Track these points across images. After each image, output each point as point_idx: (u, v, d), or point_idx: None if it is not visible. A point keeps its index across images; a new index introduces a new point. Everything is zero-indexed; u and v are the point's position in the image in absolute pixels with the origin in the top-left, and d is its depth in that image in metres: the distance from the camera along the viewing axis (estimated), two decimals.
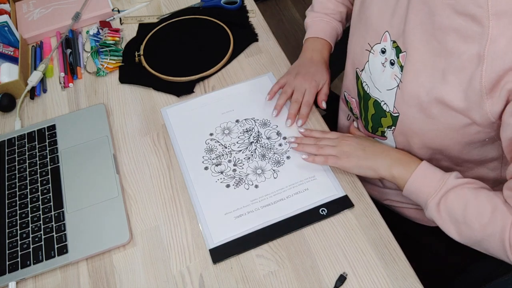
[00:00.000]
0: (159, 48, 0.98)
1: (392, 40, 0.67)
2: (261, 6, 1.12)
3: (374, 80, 0.73)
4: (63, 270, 0.71)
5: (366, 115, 0.79)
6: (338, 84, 1.00)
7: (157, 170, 0.80)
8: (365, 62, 0.74)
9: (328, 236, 0.70)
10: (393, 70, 0.68)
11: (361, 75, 0.77)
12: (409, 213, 0.88)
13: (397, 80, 0.67)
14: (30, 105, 0.93)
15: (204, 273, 0.68)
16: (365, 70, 0.75)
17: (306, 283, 0.66)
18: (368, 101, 0.76)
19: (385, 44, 0.69)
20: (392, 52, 0.67)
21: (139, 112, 0.89)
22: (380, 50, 0.70)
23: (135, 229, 0.74)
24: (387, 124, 0.73)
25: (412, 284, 0.65)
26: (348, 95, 0.85)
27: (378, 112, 0.74)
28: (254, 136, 0.82)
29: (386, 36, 0.68)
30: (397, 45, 0.66)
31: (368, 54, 0.73)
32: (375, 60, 0.72)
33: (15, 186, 0.79)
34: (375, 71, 0.72)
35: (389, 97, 0.70)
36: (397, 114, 0.69)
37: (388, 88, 0.69)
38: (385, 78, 0.70)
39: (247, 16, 1.03)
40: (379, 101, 0.73)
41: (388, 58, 0.68)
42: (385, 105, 0.72)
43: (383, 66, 0.70)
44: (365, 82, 0.76)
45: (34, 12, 1.07)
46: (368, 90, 0.75)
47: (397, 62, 0.66)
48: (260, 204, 0.74)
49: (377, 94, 0.73)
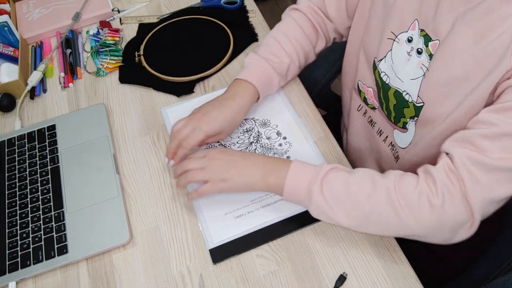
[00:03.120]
0: (159, 48, 0.97)
1: (420, 29, 0.65)
2: (261, 6, 1.12)
3: (397, 70, 0.70)
4: (63, 270, 0.71)
5: (388, 105, 0.76)
6: (338, 84, 1.00)
7: (157, 170, 0.80)
8: (387, 51, 0.71)
9: (328, 236, 0.70)
10: (420, 59, 0.66)
11: (379, 65, 0.74)
12: None
13: (423, 69, 0.65)
14: (30, 105, 0.93)
15: (204, 273, 0.68)
16: (385, 59, 0.72)
17: (306, 283, 0.66)
18: (388, 92, 0.74)
19: (413, 33, 0.67)
20: (420, 41, 0.65)
21: (139, 112, 0.89)
22: (406, 39, 0.68)
23: (135, 229, 0.74)
24: (410, 114, 0.71)
25: (412, 284, 0.65)
26: (363, 84, 0.80)
27: (400, 102, 0.72)
28: (254, 136, 0.82)
29: (415, 24, 0.66)
30: (426, 33, 0.64)
31: (391, 43, 0.70)
32: (400, 49, 0.69)
33: (15, 186, 0.79)
34: (399, 61, 0.69)
35: (412, 86, 0.68)
36: (421, 103, 0.67)
37: (412, 78, 0.68)
38: (410, 67, 0.67)
39: (247, 16, 1.03)
40: (401, 91, 0.71)
41: (414, 47, 0.66)
42: (407, 95, 0.69)
43: (408, 55, 0.68)
44: (384, 72, 0.73)
45: (34, 12, 1.07)
46: (388, 81, 0.73)
47: (425, 51, 0.65)
48: (260, 204, 0.74)
49: (398, 84, 0.71)
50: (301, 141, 0.81)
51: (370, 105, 0.81)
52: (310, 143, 0.80)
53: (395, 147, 0.79)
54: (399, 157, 0.78)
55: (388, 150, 0.81)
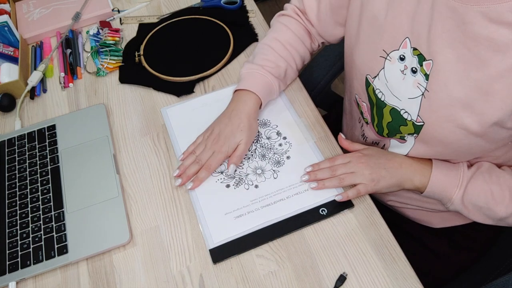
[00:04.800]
0: (159, 48, 0.97)
1: (413, 47, 0.63)
2: (261, 6, 1.12)
3: (392, 88, 0.69)
4: (63, 270, 0.71)
5: (380, 122, 0.75)
6: (338, 84, 1.00)
7: (157, 170, 0.80)
8: (380, 69, 0.69)
9: (328, 236, 0.70)
10: (415, 78, 0.64)
11: (373, 82, 0.72)
12: (411, 214, 0.88)
13: (421, 88, 0.64)
14: (30, 105, 0.93)
15: (204, 273, 0.68)
16: (379, 77, 0.70)
17: (306, 283, 0.66)
18: (383, 109, 0.72)
19: (405, 51, 0.65)
20: (414, 60, 0.63)
21: (139, 112, 0.89)
22: (398, 57, 0.66)
23: (135, 229, 0.74)
24: (408, 132, 0.70)
25: (412, 284, 0.65)
26: (359, 98, 0.80)
27: (396, 120, 0.71)
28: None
29: (406, 43, 0.64)
30: (420, 52, 0.62)
31: (383, 61, 0.68)
32: (392, 67, 0.67)
33: (15, 186, 0.79)
34: (393, 79, 0.68)
35: (411, 105, 0.66)
36: (421, 123, 0.66)
37: (410, 97, 0.66)
38: (406, 86, 0.66)
39: (247, 16, 1.02)
40: (398, 109, 0.69)
41: (408, 65, 0.65)
42: (406, 113, 0.68)
43: (402, 74, 0.66)
44: (379, 89, 0.71)
45: (34, 12, 1.07)
46: (383, 98, 0.71)
47: (420, 70, 0.63)
48: (260, 204, 0.74)
49: (395, 102, 0.69)
50: (301, 141, 0.81)
51: (365, 119, 0.80)
52: (310, 143, 0.80)
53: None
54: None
55: None
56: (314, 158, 0.78)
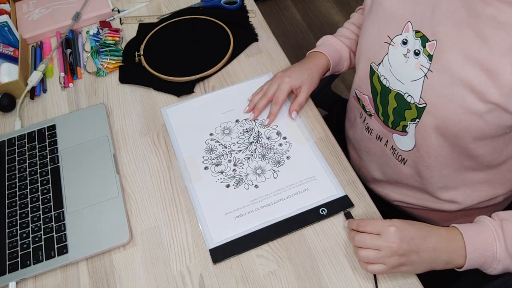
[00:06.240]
0: (159, 48, 0.98)
1: (415, 30, 0.66)
2: (261, 6, 1.12)
3: (396, 73, 0.71)
4: (63, 270, 0.71)
5: (386, 109, 0.76)
6: (338, 84, 1.00)
7: (157, 170, 0.80)
8: (384, 56, 0.72)
9: (328, 236, 0.70)
10: (418, 60, 0.66)
11: (377, 69, 0.75)
12: (417, 213, 0.88)
13: (423, 70, 0.66)
14: (30, 105, 0.93)
15: (204, 273, 0.68)
16: (383, 63, 0.73)
17: (306, 283, 0.66)
18: (388, 95, 0.74)
19: (407, 35, 0.67)
20: (416, 42, 0.66)
21: (139, 112, 0.89)
22: (401, 42, 0.69)
23: (135, 229, 0.74)
24: (411, 116, 0.71)
25: (412, 284, 0.65)
26: (359, 92, 0.82)
27: (400, 105, 0.72)
28: (254, 136, 0.82)
29: (408, 26, 0.67)
30: (423, 34, 0.65)
31: (387, 47, 0.71)
32: (395, 52, 0.70)
33: (15, 186, 0.79)
34: (397, 63, 0.70)
35: (414, 88, 0.68)
36: (424, 104, 0.68)
37: (412, 79, 0.68)
38: (408, 69, 0.68)
39: (247, 16, 1.03)
40: (402, 93, 0.71)
41: (411, 48, 0.67)
42: (409, 97, 0.70)
43: (405, 57, 0.68)
44: (383, 76, 0.74)
45: (34, 12, 1.07)
46: (388, 84, 0.73)
47: (423, 52, 0.65)
48: (260, 204, 0.74)
49: (399, 86, 0.71)
50: (301, 141, 0.81)
51: (368, 112, 0.82)
52: (310, 143, 0.80)
53: (396, 150, 0.78)
54: (406, 160, 0.78)
55: (390, 154, 0.80)
56: (314, 158, 0.78)
